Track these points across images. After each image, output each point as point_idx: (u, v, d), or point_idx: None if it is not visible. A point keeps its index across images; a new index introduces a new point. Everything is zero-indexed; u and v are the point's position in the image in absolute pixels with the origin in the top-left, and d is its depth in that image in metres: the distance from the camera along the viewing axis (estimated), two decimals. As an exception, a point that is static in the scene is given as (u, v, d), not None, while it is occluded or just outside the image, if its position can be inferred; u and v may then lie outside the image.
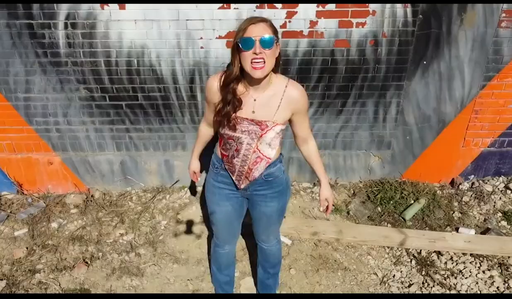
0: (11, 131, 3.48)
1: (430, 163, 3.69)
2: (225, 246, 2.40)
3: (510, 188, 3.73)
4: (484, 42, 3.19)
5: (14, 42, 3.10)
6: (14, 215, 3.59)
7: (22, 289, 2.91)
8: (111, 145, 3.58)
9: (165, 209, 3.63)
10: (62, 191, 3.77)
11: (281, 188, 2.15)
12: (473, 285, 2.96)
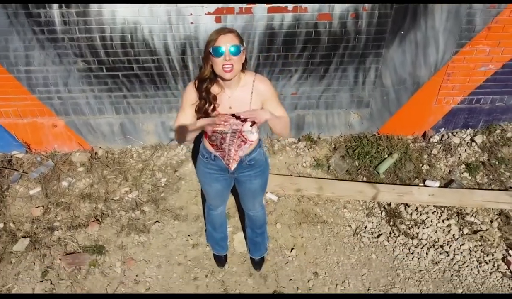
0: (15, 99, 3.73)
1: (404, 119, 4.05)
2: (218, 208, 2.85)
3: (475, 141, 4.14)
4: (458, 14, 3.39)
5: (11, 21, 3.25)
6: (27, 174, 3.96)
7: (44, 246, 3.38)
8: (110, 110, 3.86)
9: (164, 165, 4.02)
10: (68, 149, 4.11)
11: (262, 167, 2.54)
12: (432, 234, 3.48)
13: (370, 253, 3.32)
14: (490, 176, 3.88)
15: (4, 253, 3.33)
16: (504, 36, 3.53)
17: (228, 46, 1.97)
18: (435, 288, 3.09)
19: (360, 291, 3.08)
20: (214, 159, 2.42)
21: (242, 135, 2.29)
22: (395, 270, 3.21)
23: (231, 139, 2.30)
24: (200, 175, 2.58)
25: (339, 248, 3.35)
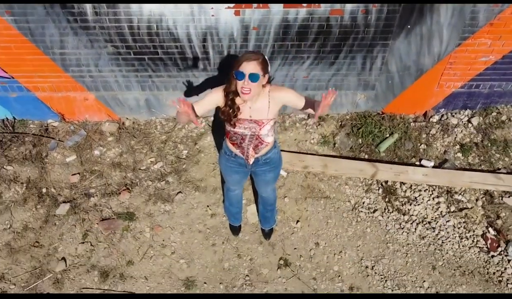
0: (50, 77, 4.11)
1: (407, 100, 4.38)
2: (236, 190, 3.33)
3: (471, 122, 4.48)
4: (462, 11, 3.62)
5: (47, 11, 3.56)
6: (62, 142, 4.43)
7: (83, 211, 3.93)
8: (136, 87, 4.24)
9: (185, 138, 4.46)
10: (98, 119, 4.55)
11: (276, 164, 2.98)
12: (422, 210, 3.95)
13: (366, 227, 3.81)
14: (481, 157, 4.27)
15: (49, 216, 3.88)
16: (505, 31, 3.76)
17: (249, 73, 2.32)
18: (419, 260, 3.61)
19: (354, 259, 3.61)
20: (234, 156, 2.85)
21: (260, 137, 2.69)
22: (386, 243, 3.71)
23: (249, 140, 2.71)
24: (222, 167, 3.02)
25: (338, 221, 3.84)
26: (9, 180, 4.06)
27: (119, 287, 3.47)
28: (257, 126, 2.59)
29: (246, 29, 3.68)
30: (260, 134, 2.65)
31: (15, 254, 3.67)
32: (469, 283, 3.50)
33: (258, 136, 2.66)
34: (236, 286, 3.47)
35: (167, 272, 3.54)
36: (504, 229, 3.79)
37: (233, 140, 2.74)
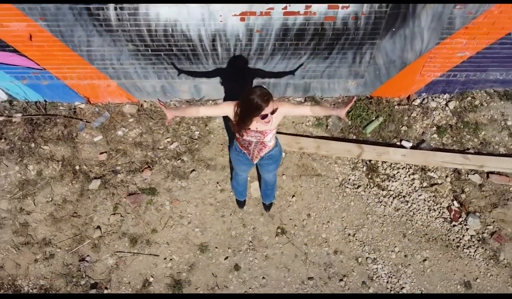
0: (78, 68, 4.67)
1: (392, 87, 4.95)
2: (243, 175, 4.03)
3: (448, 106, 5.08)
4: (441, 17, 4.13)
5: (76, 18, 4.08)
6: (90, 123, 5.07)
7: (112, 186, 4.64)
8: (153, 76, 4.81)
9: (197, 119, 5.08)
10: (119, 101, 5.15)
11: (277, 158, 3.64)
12: (399, 186, 4.66)
13: (350, 200, 4.54)
14: (454, 138, 4.91)
15: (83, 190, 4.60)
16: (478, 33, 4.28)
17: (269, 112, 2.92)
18: (392, 229, 4.37)
19: (338, 228, 4.37)
20: (243, 153, 3.52)
21: (264, 143, 3.35)
22: (366, 214, 4.46)
23: (255, 145, 3.37)
24: (232, 158, 3.69)
25: (327, 196, 4.56)
26: (46, 158, 4.74)
27: (146, 251, 4.26)
28: (261, 135, 3.23)
29: (251, 32, 4.20)
30: (264, 141, 3.29)
31: (58, 223, 4.43)
32: (432, 248, 4.27)
33: (262, 142, 3.30)
34: (242, 250, 4.26)
35: (184, 239, 4.31)
36: (467, 202, 4.52)
37: (241, 144, 3.39)
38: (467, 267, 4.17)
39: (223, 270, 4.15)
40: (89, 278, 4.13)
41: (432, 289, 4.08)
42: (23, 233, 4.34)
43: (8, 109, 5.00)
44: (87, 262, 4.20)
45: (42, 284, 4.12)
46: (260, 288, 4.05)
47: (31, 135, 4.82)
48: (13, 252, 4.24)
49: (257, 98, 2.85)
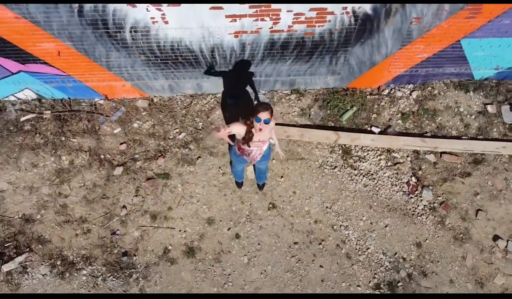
0: (98, 74, 5.50)
1: (364, 80, 5.81)
2: (241, 167, 5.04)
3: (412, 95, 6.00)
4: (401, 31, 4.97)
5: (97, 39, 4.91)
6: (109, 117, 5.98)
7: (132, 172, 5.61)
8: (162, 78, 5.66)
9: (200, 112, 5.98)
10: (132, 97, 6.04)
11: (268, 155, 4.60)
12: (368, 166, 5.68)
13: (328, 179, 5.56)
14: (415, 123, 5.87)
15: (109, 176, 5.58)
16: (433, 41, 5.13)
17: (264, 119, 3.87)
18: (361, 202, 5.42)
19: (318, 202, 5.41)
20: (242, 157, 4.48)
21: (262, 150, 4.32)
22: (340, 190, 5.50)
23: (254, 153, 4.33)
24: (232, 159, 4.63)
25: (309, 176, 5.58)
26: (76, 149, 5.69)
27: (164, 225, 5.32)
28: (261, 145, 4.18)
29: (243, 45, 5.04)
30: (262, 149, 4.25)
31: (91, 203, 5.45)
32: (392, 216, 5.36)
33: (261, 150, 4.27)
34: (241, 222, 5.33)
35: (195, 214, 5.36)
36: (422, 177, 5.56)
37: (243, 153, 4.34)
38: (419, 230, 5.28)
39: (226, 239, 5.24)
40: (120, 248, 5.21)
41: (391, 248, 5.20)
42: (63, 212, 5.36)
43: (38, 106, 5.87)
44: (117, 235, 5.26)
45: (84, 254, 5.19)
46: (256, 252, 5.15)
47: (61, 130, 5.73)
48: (57, 229, 5.29)
49: (261, 105, 3.76)
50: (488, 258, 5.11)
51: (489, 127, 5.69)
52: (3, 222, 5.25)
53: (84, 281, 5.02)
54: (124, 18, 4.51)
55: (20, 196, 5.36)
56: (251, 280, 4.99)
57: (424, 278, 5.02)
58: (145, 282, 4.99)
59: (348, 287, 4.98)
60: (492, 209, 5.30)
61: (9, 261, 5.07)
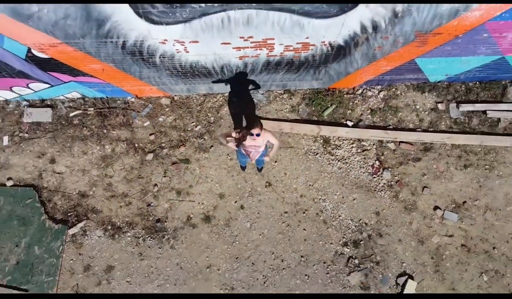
0: (131, 82, 6.98)
1: (342, 83, 7.31)
2: (243, 159, 6.68)
3: (380, 95, 7.52)
4: (367, 54, 6.44)
5: (133, 62, 6.39)
6: (139, 113, 7.54)
7: (160, 157, 7.26)
8: (181, 83, 7.14)
9: (211, 108, 7.51)
10: (157, 96, 7.57)
11: (264, 153, 6.26)
12: (342, 153, 7.32)
13: (311, 163, 7.22)
14: (381, 118, 7.44)
15: (143, 161, 7.21)
16: (393, 60, 6.59)
17: (255, 133, 5.45)
18: (335, 181, 7.11)
19: (303, 181, 7.11)
20: (244, 155, 6.10)
21: (258, 152, 5.93)
22: (320, 172, 7.17)
23: (253, 153, 5.95)
24: (237, 155, 6.28)
25: (297, 161, 7.22)
26: (115, 139, 7.28)
27: (187, 198, 7.01)
28: (258, 148, 5.76)
29: (246, 64, 6.50)
30: (259, 151, 5.85)
31: (130, 182, 7.12)
32: (359, 192, 7.05)
33: (258, 152, 5.86)
34: (245, 196, 7.02)
35: (209, 191, 7.05)
36: (384, 161, 7.20)
37: (245, 151, 5.95)
38: (378, 202, 6.99)
39: (234, 209, 6.96)
40: (154, 216, 6.94)
41: (357, 216, 6.93)
42: (109, 189, 7.05)
43: (83, 104, 7.38)
44: (151, 206, 6.98)
45: (127, 220, 6.92)
46: (256, 219, 6.89)
47: (103, 124, 7.29)
48: (106, 202, 6.99)
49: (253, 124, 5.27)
50: (429, 223, 6.86)
51: (438, 121, 7.24)
52: (65, 197, 6.93)
53: (129, 241, 6.78)
54: (155, 50, 5.95)
55: (76, 177, 7.01)
56: (253, 240, 6.77)
57: (380, 238, 6.79)
58: (174, 241, 6.76)
59: (324, 244, 6.76)
60: (435, 186, 6.98)
61: (73, 226, 6.80)
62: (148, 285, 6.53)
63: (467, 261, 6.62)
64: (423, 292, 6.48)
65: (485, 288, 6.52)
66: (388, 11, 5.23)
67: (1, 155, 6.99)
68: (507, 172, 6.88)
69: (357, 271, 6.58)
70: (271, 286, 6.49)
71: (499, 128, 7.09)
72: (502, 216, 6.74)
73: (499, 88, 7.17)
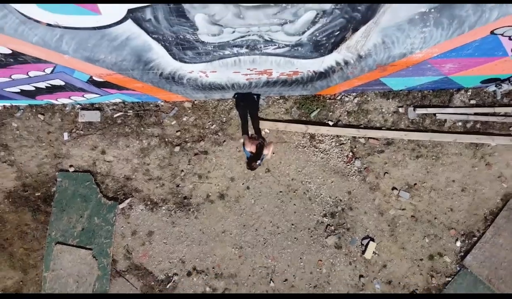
0: (163, 92, 9.07)
1: (325, 91, 9.41)
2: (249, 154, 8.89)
3: (354, 100, 9.59)
4: (343, 76, 8.50)
5: (166, 82, 8.44)
6: (168, 114, 9.64)
7: (185, 150, 9.45)
8: (201, 93, 9.19)
9: (223, 110, 9.57)
10: (181, 100, 9.63)
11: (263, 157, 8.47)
12: (324, 146, 9.51)
13: (300, 155, 9.37)
14: (355, 118, 9.55)
15: (172, 152, 9.36)
16: (362, 80, 8.61)
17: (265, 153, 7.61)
18: (319, 168, 9.31)
19: (294, 168, 9.33)
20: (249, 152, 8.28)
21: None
22: (307, 161, 9.35)
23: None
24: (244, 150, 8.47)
25: (289, 153, 9.37)
26: (150, 135, 9.40)
27: (206, 181, 9.23)
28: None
29: (250, 82, 8.56)
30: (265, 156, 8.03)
31: (162, 168, 9.32)
32: (335, 176, 9.26)
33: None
34: (250, 179, 9.22)
35: (223, 175, 9.26)
36: (356, 153, 9.36)
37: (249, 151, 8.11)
38: (350, 184, 9.21)
39: (241, 189, 9.20)
40: (182, 194, 9.18)
41: (334, 194, 9.19)
42: (147, 174, 9.25)
43: (123, 107, 9.45)
44: (179, 187, 9.22)
45: (162, 198, 9.17)
46: (258, 197, 9.14)
47: (140, 123, 9.39)
48: (145, 184, 9.22)
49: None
50: (387, 199, 9.11)
51: (399, 121, 9.34)
52: (114, 180, 9.15)
53: (163, 213, 9.06)
54: (184, 76, 7.97)
55: (121, 164, 9.19)
56: (256, 212, 9.05)
57: (350, 211, 9.07)
58: (197, 213, 9.04)
59: (308, 216, 9.05)
60: (393, 172, 9.18)
61: (122, 202, 9.07)
62: (179, 245, 8.87)
63: (415, 228, 8.92)
64: (380, 250, 8.82)
65: (427, 248, 8.87)
66: (354, 55, 7.24)
67: (63, 147, 9.13)
68: (448, 161, 9.06)
69: (333, 235, 8.90)
70: (269, 246, 8.84)
71: (445, 127, 9.19)
72: (442, 194, 8.98)
73: (447, 95, 9.20)
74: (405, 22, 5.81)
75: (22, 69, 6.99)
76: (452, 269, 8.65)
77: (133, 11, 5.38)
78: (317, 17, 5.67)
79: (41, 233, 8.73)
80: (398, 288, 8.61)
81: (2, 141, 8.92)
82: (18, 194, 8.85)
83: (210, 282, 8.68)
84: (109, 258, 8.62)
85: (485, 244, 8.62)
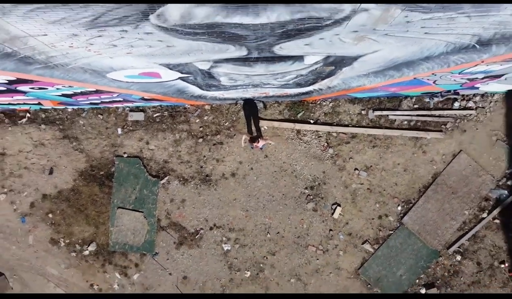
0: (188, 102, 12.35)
1: (309, 99, 12.65)
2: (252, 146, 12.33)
3: (329, 105, 12.85)
4: (319, 93, 11.76)
5: (192, 98, 11.71)
6: (193, 114, 12.93)
7: (206, 141, 12.87)
8: (217, 100, 12.49)
9: (233, 112, 12.78)
10: (203, 104, 12.89)
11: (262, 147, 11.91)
12: (307, 138, 12.94)
13: (289, 145, 12.56)
14: (330, 118, 12.89)
15: (197, 142, 12.71)
16: (334, 94, 11.90)
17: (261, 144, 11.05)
18: (304, 155, 12.70)
19: (284, 154, 12.81)
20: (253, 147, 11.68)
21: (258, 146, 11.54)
22: (294, 149, 12.62)
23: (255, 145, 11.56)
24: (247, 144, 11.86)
25: (282, 144, 12.57)
26: (181, 130, 12.71)
27: (221, 164, 12.67)
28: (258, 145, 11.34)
29: (253, 96, 11.81)
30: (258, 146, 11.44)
31: (190, 155, 12.64)
32: (314, 161, 12.64)
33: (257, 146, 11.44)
34: (253, 163, 12.52)
35: (234, 160, 12.60)
36: (330, 143, 12.72)
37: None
38: (325, 166, 12.62)
39: (247, 170, 12.54)
40: (205, 173, 12.63)
41: (312, 173, 12.68)
42: (180, 158, 12.60)
43: (160, 109, 12.69)
44: (202, 168, 12.69)
45: (190, 176, 12.68)
46: (259, 175, 12.58)
47: (173, 121, 12.68)
48: (179, 166, 12.68)
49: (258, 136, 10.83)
50: (351, 177, 12.55)
51: (361, 120, 12.60)
52: (156, 163, 12.54)
53: (192, 186, 12.56)
54: (206, 96, 11.24)
55: (161, 152, 12.59)
56: (257, 186, 12.53)
57: (324, 185, 12.59)
58: (216, 186, 12.53)
59: (295, 189, 12.59)
60: (356, 157, 12.60)
61: (162, 179, 12.58)
62: (203, 209, 12.44)
63: (369, 197, 12.48)
64: (344, 212, 12.48)
65: (377, 210, 12.48)
66: (325, 87, 10.47)
67: (118, 139, 12.47)
68: (395, 150, 12.44)
69: (311, 202, 12.49)
70: (267, 209, 12.42)
71: (394, 125, 12.53)
72: (390, 173, 12.45)
73: (397, 101, 12.42)
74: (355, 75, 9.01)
75: (98, 95, 10.24)
76: (394, 226, 12.30)
77: (182, 78, 8.58)
78: (297, 76, 8.87)
79: (106, 200, 12.28)
80: (356, 238, 12.31)
81: (74, 135, 12.27)
82: (88, 173, 12.32)
83: (225, 234, 12.36)
84: (155, 218, 12.24)
85: (417, 208, 12.21)
